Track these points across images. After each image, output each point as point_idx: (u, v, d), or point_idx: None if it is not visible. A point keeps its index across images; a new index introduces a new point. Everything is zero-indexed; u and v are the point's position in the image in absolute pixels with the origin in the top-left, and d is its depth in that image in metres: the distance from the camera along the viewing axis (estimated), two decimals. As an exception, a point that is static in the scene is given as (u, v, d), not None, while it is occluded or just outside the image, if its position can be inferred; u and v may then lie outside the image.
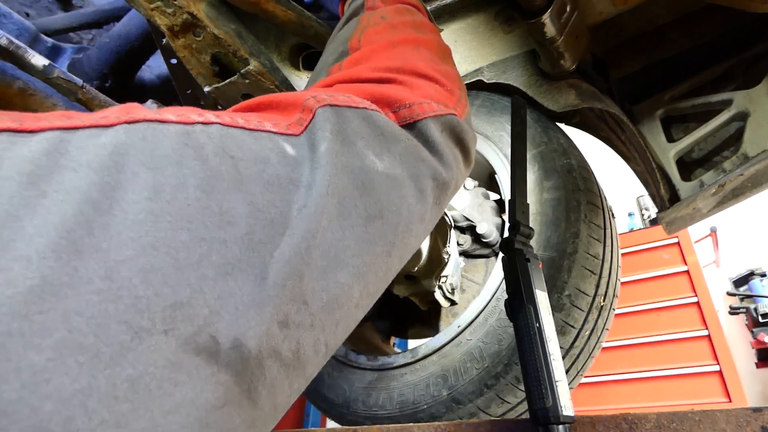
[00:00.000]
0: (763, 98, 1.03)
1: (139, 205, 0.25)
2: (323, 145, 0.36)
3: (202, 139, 0.30)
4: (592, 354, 0.96)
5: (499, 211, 1.14)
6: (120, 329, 0.22)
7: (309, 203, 0.33)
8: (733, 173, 1.05)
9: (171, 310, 0.24)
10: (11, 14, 1.22)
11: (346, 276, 0.35)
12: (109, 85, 1.35)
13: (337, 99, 0.40)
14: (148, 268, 0.24)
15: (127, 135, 0.27)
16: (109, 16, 1.46)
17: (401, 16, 0.64)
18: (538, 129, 1.03)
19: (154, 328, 0.24)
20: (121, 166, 0.26)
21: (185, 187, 0.27)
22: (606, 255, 0.94)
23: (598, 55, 1.25)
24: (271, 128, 0.35)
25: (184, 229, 0.26)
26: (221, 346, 0.26)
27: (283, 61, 1.13)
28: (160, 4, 0.80)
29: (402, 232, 0.41)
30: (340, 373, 1.04)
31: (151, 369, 0.23)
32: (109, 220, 0.24)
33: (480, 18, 1.15)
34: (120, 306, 0.23)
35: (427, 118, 0.46)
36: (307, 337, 0.32)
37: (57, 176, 0.24)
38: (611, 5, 1.00)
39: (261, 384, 0.29)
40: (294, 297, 0.31)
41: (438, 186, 0.47)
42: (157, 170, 0.27)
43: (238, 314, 0.27)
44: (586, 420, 0.55)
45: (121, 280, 0.23)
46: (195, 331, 0.25)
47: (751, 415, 0.48)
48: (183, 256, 0.26)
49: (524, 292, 0.59)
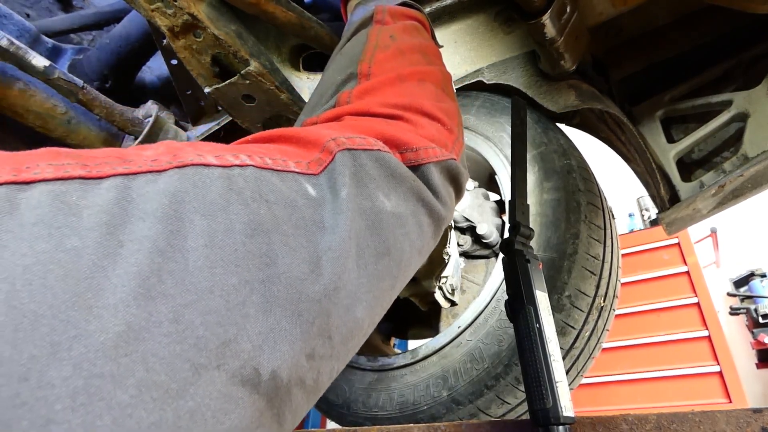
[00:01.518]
0: (763, 99, 1.03)
1: (197, 252, 0.27)
2: (344, 190, 0.39)
3: (240, 184, 0.32)
4: (592, 355, 0.95)
5: (499, 212, 1.14)
6: (184, 366, 0.25)
7: (333, 246, 0.35)
8: (733, 174, 1.05)
9: (222, 347, 0.27)
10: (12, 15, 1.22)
11: (361, 311, 0.38)
12: (109, 85, 1.35)
13: (354, 142, 0.43)
14: (207, 311, 0.27)
15: (181, 182, 0.29)
16: (109, 17, 1.46)
17: (410, 37, 0.67)
18: (538, 130, 1.03)
19: (210, 364, 0.26)
20: (180, 215, 0.28)
21: (233, 232, 0.30)
22: (606, 256, 0.94)
23: (598, 56, 1.25)
24: (294, 168, 0.37)
25: (233, 273, 0.29)
26: (262, 378, 0.29)
27: (284, 62, 1.14)
28: (160, 5, 0.80)
29: (404, 266, 0.45)
30: (341, 374, 1.04)
31: (207, 401, 0.25)
32: (175, 267, 0.26)
33: (480, 19, 1.15)
34: (185, 346, 0.25)
35: (430, 163, 0.50)
36: (326, 367, 0.35)
37: (129, 226, 0.26)
38: (611, 6, 1.00)
39: (288, 409, 0.32)
40: (321, 333, 0.34)
41: (434, 222, 0.51)
42: (210, 217, 0.29)
43: (276, 348, 0.30)
44: (587, 421, 0.55)
45: (186, 322, 0.25)
46: (241, 365, 0.27)
47: (752, 415, 0.48)
48: (232, 297, 0.28)
49: (524, 293, 0.59)
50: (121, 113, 1.19)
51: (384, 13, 0.69)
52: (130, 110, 1.22)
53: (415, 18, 0.72)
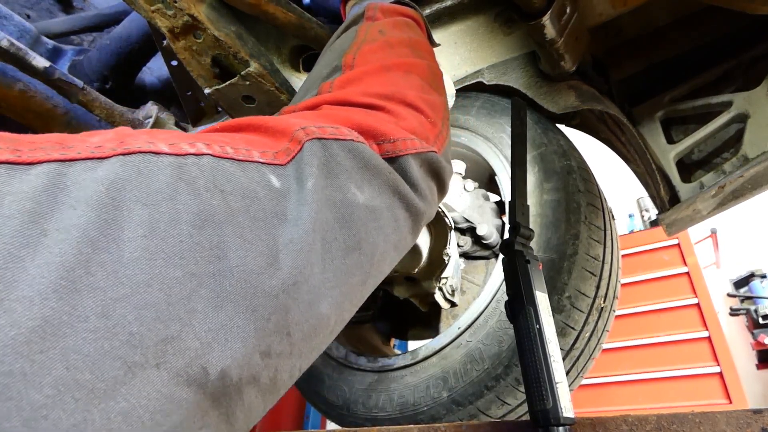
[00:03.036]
0: (763, 100, 1.03)
1: (135, 242, 0.26)
2: (310, 181, 0.37)
3: (194, 173, 0.30)
4: (592, 355, 0.95)
5: (500, 213, 1.14)
6: (114, 365, 0.23)
7: (295, 239, 0.34)
8: (733, 175, 1.05)
9: (162, 344, 0.25)
10: (12, 16, 1.22)
11: (325, 307, 0.36)
12: (109, 86, 1.35)
13: (325, 131, 0.41)
14: (142, 305, 0.25)
15: (123, 169, 0.27)
16: (110, 19, 1.46)
17: (399, 31, 0.65)
18: (538, 130, 1.03)
19: (147, 362, 0.24)
20: (118, 203, 0.26)
21: (178, 223, 0.28)
22: (606, 256, 0.94)
23: (598, 57, 1.25)
24: (259, 158, 0.36)
25: (177, 266, 0.27)
26: (210, 377, 0.27)
27: (284, 63, 1.14)
28: (160, 6, 0.81)
29: (378, 261, 0.43)
30: (340, 375, 1.04)
31: (143, 402, 0.24)
32: (106, 258, 0.24)
33: (480, 20, 1.15)
34: (115, 342, 0.23)
35: (408, 154, 0.48)
36: (285, 365, 0.33)
37: (57, 214, 0.24)
38: (611, 7, 1.00)
39: (239, 409, 0.30)
40: (278, 329, 0.32)
41: (412, 217, 0.49)
42: (153, 206, 0.27)
43: (226, 346, 0.28)
44: (587, 421, 0.55)
45: (117, 317, 0.24)
46: (186, 364, 0.26)
47: (752, 416, 0.48)
48: (175, 291, 0.26)
49: (524, 294, 0.59)
50: (122, 114, 1.19)
51: (375, 10, 0.68)
52: (130, 111, 1.22)
53: (409, 15, 0.71)
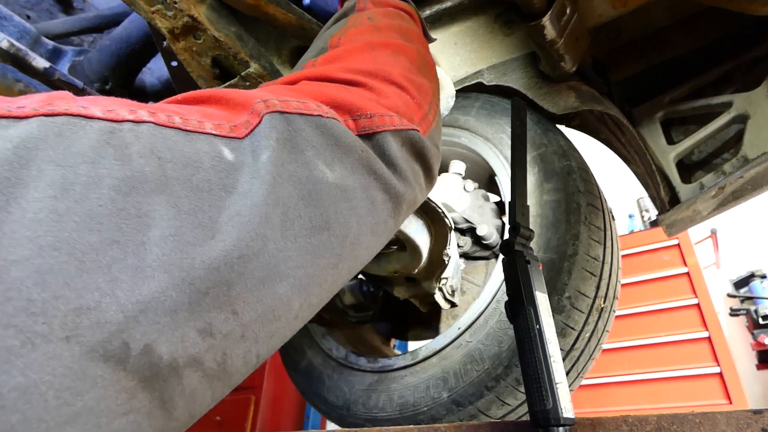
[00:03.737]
0: (763, 101, 1.04)
1: (40, 203, 0.24)
2: (265, 153, 0.35)
3: (128, 139, 0.29)
4: (592, 356, 0.95)
5: (500, 213, 1.14)
6: (7, 333, 0.21)
7: (242, 211, 0.32)
8: (733, 175, 1.05)
9: (74, 315, 0.23)
10: (12, 17, 1.22)
11: (285, 288, 0.34)
12: (109, 87, 1.35)
13: (290, 105, 0.39)
14: (46, 270, 0.23)
15: (41, 129, 0.26)
16: (110, 20, 1.46)
17: (389, 19, 0.63)
18: (538, 131, 1.03)
19: (51, 333, 0.22)
20: (26, 162, 0.24)
21: (98, 186, 0.26)
22: (606, 257, 0.94)
23: (598, 58, 1.25)
24: (211, 130, 0.34)
25: (93, 231, 0.25)
26: (131, 352, 0.25)
27: (284, 64, 1.14)
28: (160, 7, 0.81)
29: (351, 244, 0.41)
30: (340, 375, 1.04)
31: (47, 377, 0.21)
32: (4, 218, 0.22)
33: (480, 21, 1.15)
34: (8, 308, 0.21)
35: (386, 131, 0.46)
36: (236, 348, 0.31)
37: None
38: (611, 8, 1.00)
39: (178, 394, 0.28)
40: (219, 305, 0.30)
41: (392, 199, 0.46)
42: (68, 168, 0.25)
43: (154, 319, 0.26)
44: (587, 422, 0.55)
45: (11, 281, 0.22)
46: (105, 338, 0.24)
47: (752, 417, 0.48)
48: (90, 258, 0.24)
49: (524, 294, 0.59)
50: (122, 115, 1.19)
51: (366, 1, 0.67)
52: (130, 112, 1.22)
53: (401, 7, 0.69)
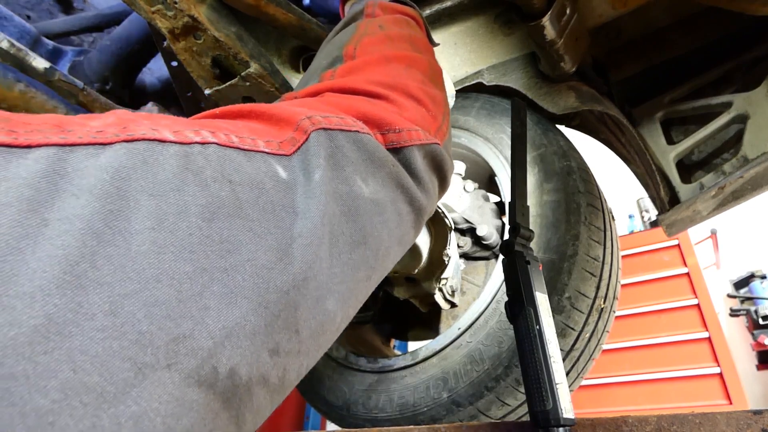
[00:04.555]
0: (763, 101, 1.04)
1: (142, 235, 0.24)
2: (318, 173, 0.35)
3: (200, 162, 0.29)
4: (592, 356, 0.95)
5: (500, 214, 1.14)
6: (124, 366, 0.22)
7: (305, 233, 0.32)
8: (732, 175, 1.05)
9: (174, 344, 0.24)
10: (12, 17, 1.22)
11: (332, 303, 0.35)
12: (110, 87, 1.35)
13: (331, 121, 0.40)
14: (152, 302, 0.23)
15: (128, 157, 0.26)
16: (110, 20, 1.46)
17: (399, 28, 0.65)
18: (538, 131, 1.03)
19: (158, 363, 0.23)
20: (124, 193, 0.24)
21: (187, 215, 0.26)
22: (606, 257, 0.94)
23: (597, 58, 1.25)
24: (264, 148, 0.34)
25: (187, 260, 0.25)
26: (219, 376, 0.26)
27: (284, 64, 1.14)
28: (161, 7, 0.81)
29: (382, 256, 0.42)
30: (340, 376, 1.04)
31: (155, 405, 0.22)
32: (113, 252, 0.23)
33: (480, 21, 1.15)
34: (124, 342, 0.22)
35: (413, 145, 0.47)
36: (293, 363, 0.32)
37: (58, 202, 0.22)
38: (610, 8, 1.00)
39: (248, 410, 0.28)
40: (287, 326, 0.30)
41: (415, 211, 0.48)
42: (160, 197, 0.26)
43: (237, 344, 0.27)
44: (587, 422, 0.55)
45: (125, 315, 0.22)
46: (198, 364, 0.24)
47: (752, 417, 0.48)
48: (186, 287, 0.25)
49: (524, 295, 0.59)
50: (122, 115, 1.19)
51: (374, 7, 0.68)
52: (130, 112, 1.22)
53: (407, 13, 0.71)
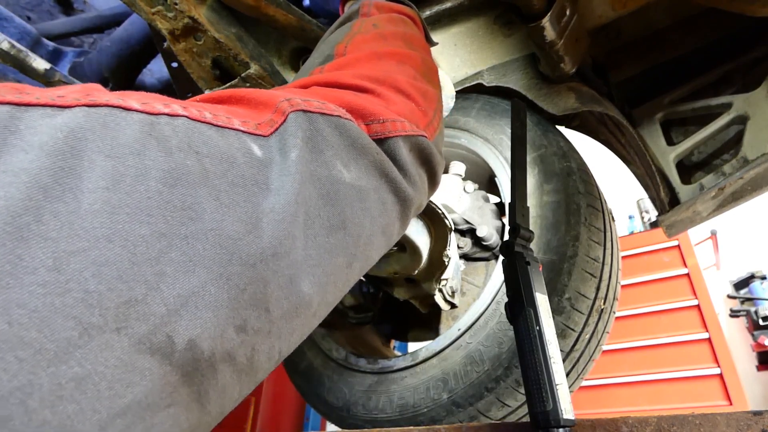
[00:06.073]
0: (763, 102, 1.04)
1: (95, 194, 0.24)
2: (294, 152, 0.35)
3: (166, 132, 0.28)
4: (592, 357, 0.95)
5: (499, 214, 1.14)
6: (67, 324, 0.21)
7: (277, 208, 0.32)
8: (732, 176, 1.05)
9: (125, 307, 0.23)
10: (13, 18, 1.22)
11: (307, 285, 0.34)
12: (110, 88, 1.35)
13: (312, 105, 0.40)
14: (102, 262, 0.23)
15: (87, 119, 0.25)
16: (110, 21, 1.47)
17: (394, 26, 0.64)
18: (538, 132, 1.04)
19: (106, 325, 0.22)
20: (78, 152, 0.24)
21: (146, 178, 0.26)
22: (606, 258, 0.94)
23: (597, 59, 1.25)
24: (239, 126, 0.34)
25: (143, 223, 0.25)
26: (176, 347, 0.25)
27: (284, 65, 1.14)
28: (161, 8, 0.81)
29: (363, 243, 0.42)
30: (340, 377, 1.04)
31: (101, 369, 0.22)
32: (61, 208, 0.22)
33: (480, 22, 1.15)
34: (68, 300, 0.21)
35: (397, 136, 0.47)
36: (263, 344, 0.31)
37: (5, 156, 0.22)
38: (610, 9, 1.00)
39: (212, 388, 0.28)
40: (256, 303, 0.30)
41: (401, 202, 0.47)
42: (118, 159, 0.25)
43: (196, 314, 0.26)
44: (587, 423, 0.55)
45: (71, 272, 0.22)
46: (150, 330, 0.24)
47: (752, 418, 0.48)
48: (141, 250, 0.24)
49: (524, 295, 0.59)
50: (122, 116, 1.19)
51: (370, 6, 0.68)
52: (130, 113, 1.22)
53: (404, 12, 0.71)
